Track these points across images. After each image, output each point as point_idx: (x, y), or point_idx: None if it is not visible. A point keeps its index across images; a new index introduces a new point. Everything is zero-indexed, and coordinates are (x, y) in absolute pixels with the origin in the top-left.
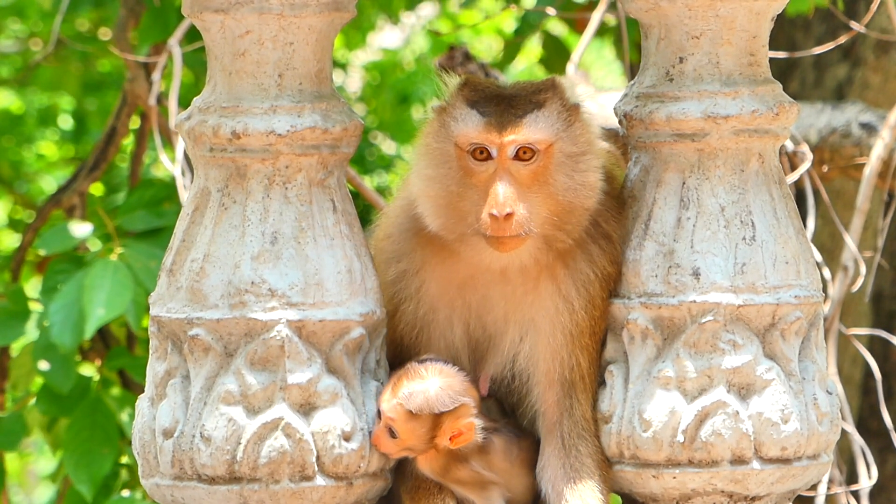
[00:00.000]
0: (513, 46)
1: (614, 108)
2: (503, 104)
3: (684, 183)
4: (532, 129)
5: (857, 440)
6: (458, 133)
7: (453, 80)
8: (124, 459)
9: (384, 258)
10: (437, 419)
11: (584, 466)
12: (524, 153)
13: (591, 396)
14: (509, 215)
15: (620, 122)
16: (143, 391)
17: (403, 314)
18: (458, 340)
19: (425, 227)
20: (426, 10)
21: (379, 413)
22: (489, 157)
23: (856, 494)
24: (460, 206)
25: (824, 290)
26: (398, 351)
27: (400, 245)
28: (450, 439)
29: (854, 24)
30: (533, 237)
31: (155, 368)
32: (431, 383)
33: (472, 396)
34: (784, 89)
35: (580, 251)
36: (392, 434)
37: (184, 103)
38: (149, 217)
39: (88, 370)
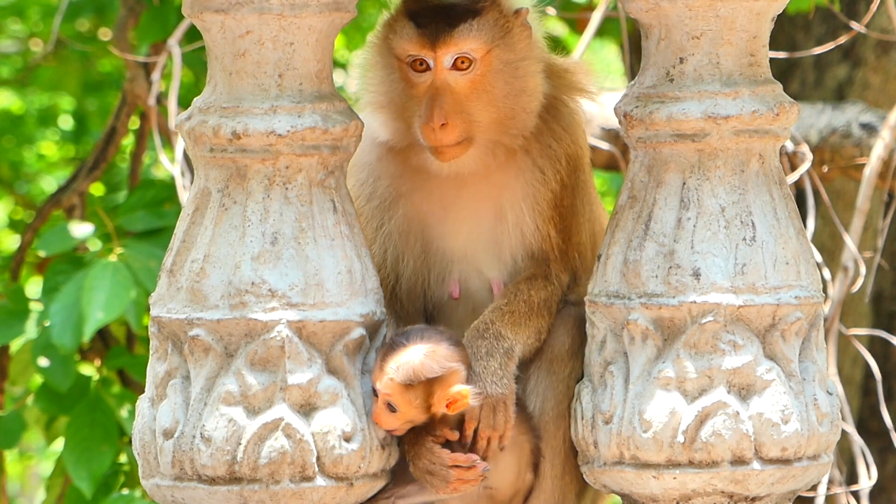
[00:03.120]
0: None
1: (614, 108)
2: (440, 15)
3: (684, 183)
4: (466, 39)
5: (857, 440)
6: (397, 45)
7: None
8: (123, 458)
9: (354, 180)
10: (429, 386)
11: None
12: (461, 63)
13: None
14: (444, 125)
15: (620, 122)
16: (142, 390)
17: (378, 235)
18: (425, 251)
19: (386, 142)
20: None
21: (374, 392)
22: (428, 67)
23: (856, 495)
24: (405, 116)
25: (824, 290)
26: (384, 276)
27: (365, 161)
28: (446, 406)
29: (854, 25)
30: (476, 144)
31: (155, 369)
32: (416, 352)
33: (460, 360)
34: (784, 89)
35: (531, 160)
36: (391, 409)
37: (183, 103)
38: (149, 217)
39: (88, 370)
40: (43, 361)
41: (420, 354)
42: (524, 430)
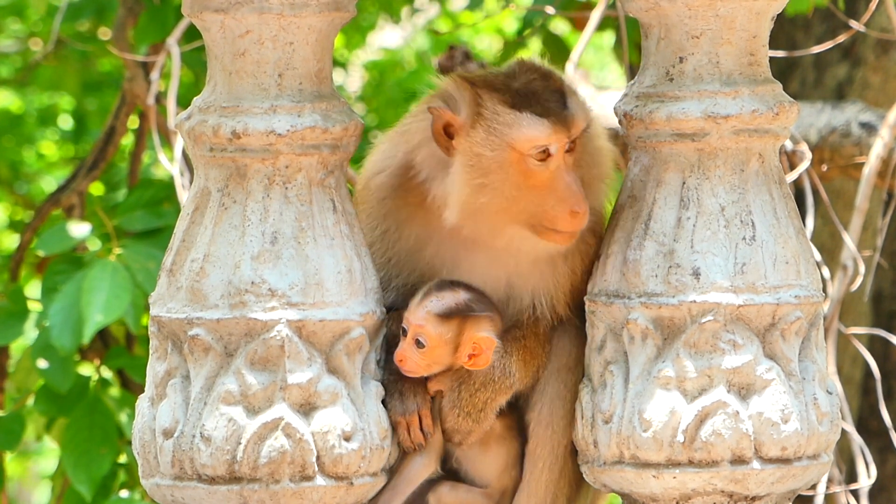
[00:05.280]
0: (512, 46)
1: (614, 108)
2: (543, 99)
3: (684, 183)
4: (581, 119)
5: (857, 440)
6: (519, 138)
7: (462, 92)
8: (122, 459)
9: (370, 208)
10: (462, 324)
11: None
12: (570, 145)
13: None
14: (585, 210)
15: (620, 121)
16: (142, 391)
17: (390, 276)
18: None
19: (415, 191)
20: (429, 12)
21: (404, 331)
22: (549, 155)
23: (855, 494)
24: (515, 209)
25: (824, 289)
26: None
27: (387, 203)
28: (468, 357)
29: (854, 24)
30: None
31: (155, 368)
32: (461, 293)
33: (497, 313)
34: (784, 89)
35: (562, 256)
36: (419, 345)
37: (182, 103)
38: (148, 217)
39: (87, 370)
40: (42, 363)
41: (465, 295)
42: (512, 426)
